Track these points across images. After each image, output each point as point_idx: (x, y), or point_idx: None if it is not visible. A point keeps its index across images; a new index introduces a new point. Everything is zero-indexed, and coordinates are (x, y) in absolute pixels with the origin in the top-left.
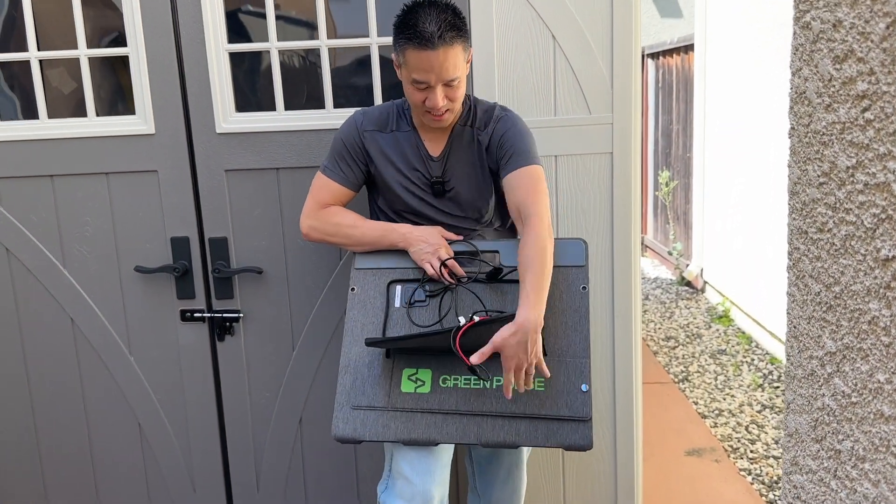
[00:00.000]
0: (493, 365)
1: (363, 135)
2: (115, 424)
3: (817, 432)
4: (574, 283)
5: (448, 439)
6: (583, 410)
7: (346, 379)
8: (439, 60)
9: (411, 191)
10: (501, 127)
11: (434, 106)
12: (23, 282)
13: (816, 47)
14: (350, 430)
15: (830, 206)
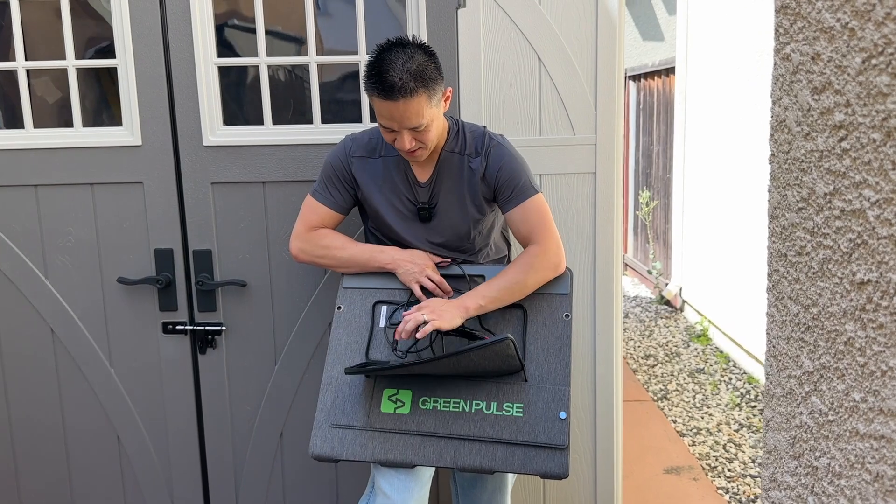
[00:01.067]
0: (472, 387)
1: (351, 161)
2: (94, 437)
3: (795, 449)
4: (557, 310)
5: (425, 462)
6: (560, 438)
7: (327, 397)
8: (400, 111)
9: (398, 216)
10: (496, 159)
11: (402, 148)
12: (2, 291)
13: (796, 78)
14: (328, 448)
15: (809, 230)
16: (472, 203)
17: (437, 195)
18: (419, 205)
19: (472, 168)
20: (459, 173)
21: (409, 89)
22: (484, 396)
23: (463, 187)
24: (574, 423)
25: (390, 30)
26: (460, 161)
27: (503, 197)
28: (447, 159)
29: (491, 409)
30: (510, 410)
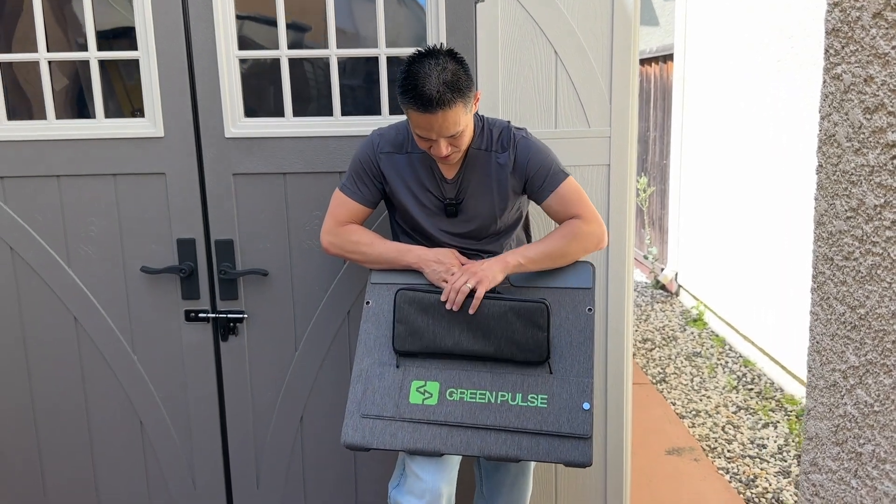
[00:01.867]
0: (497, 379)
1: (379, 157)
2: (117, 422)
3: (838, 436)
4: (580, 304)
5: (452, 451)
6: (583, 428)
7: (358, 388)
8: (438, 122)
9: (424, 211)
10: (523, 152)
11: (438, 155)
12: (26, 280)
13: (847, 97)
14: (359, 437)
15: (857, 238)
16: (498, 198)
17: (464, 191)
18: (446, 201)
19: (499, 164)
20: (486, 169)
21: (446, 101)
22: (509, 388)
23: (491, 183)
24: None
25: (410, 24)
26: (487, 157)
27: (536, 187)
28: (474, 156)
29: (516, 400)
30: (535, 401)
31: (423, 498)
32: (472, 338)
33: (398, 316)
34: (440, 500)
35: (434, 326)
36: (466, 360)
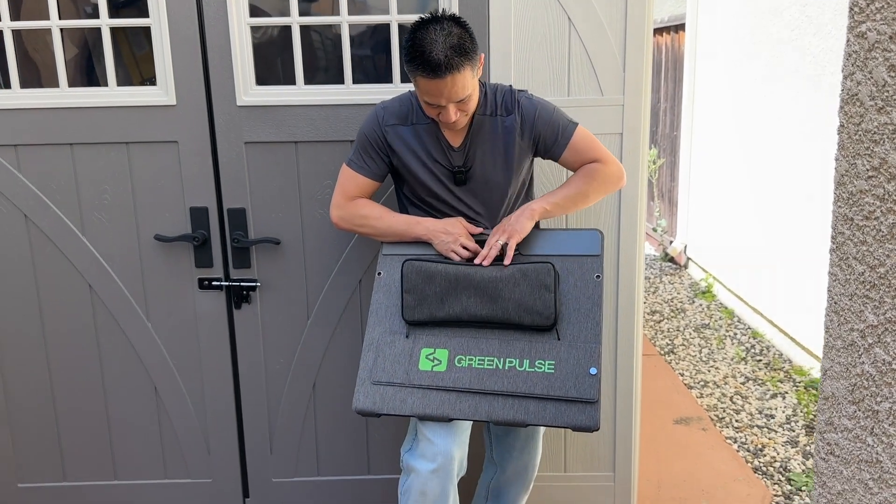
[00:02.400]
0: (505, 346)
1: (385, 129)
2: (132, 389)
3: (854, 395)
4: (589, 271)
5: (461, 416)
6: (590, 393)
7: (369, 356)
8: (447, 87)
9: (433, 180)
10: (529, 111)
11: (447, 121)
12: (41, 248)
13: (871, 55)
14: (370, 403)
15: (879, 196)
16: (507, 162)
17: (471, 158)
18: (454, 169)
19: (506, 126)
20: (493, 134)
21: (455, 65)
22: (517, 354)
23: (498, 147)
24: None
25: None
26: (493, 122)
27: (550, 144)
28: (479, 122)
29: (524, 365)
30: (542, 367)
31: (434, 461)
32: (480, 303)
33: (406, 286)
34: (452, 463)
35: (442, 294)
36: (475, 328)
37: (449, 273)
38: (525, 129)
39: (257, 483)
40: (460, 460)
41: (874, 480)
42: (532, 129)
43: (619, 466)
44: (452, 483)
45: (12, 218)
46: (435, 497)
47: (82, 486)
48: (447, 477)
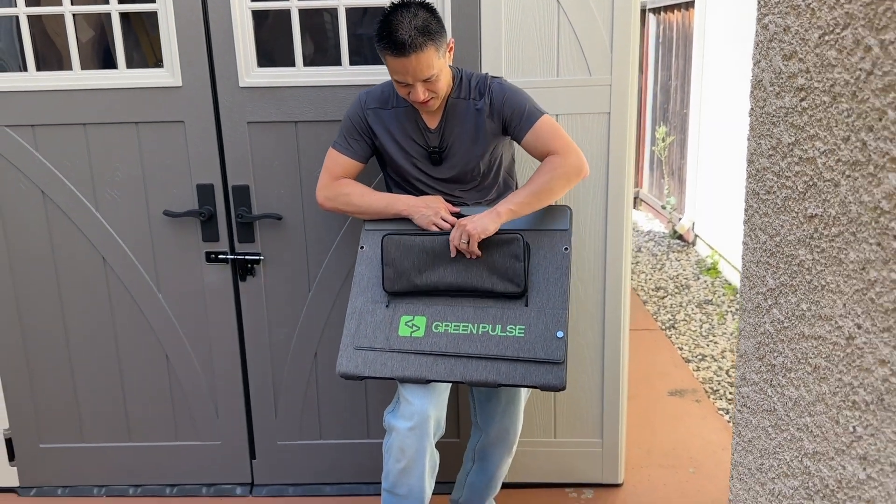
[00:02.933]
0: (479, 312)
1: (367, 112)
2: (145, 356)
3: (759, 352)
4: (558, 244)
5: (437, 377)
6: (557, 354)
7: (352, 324)
8: (412, 65)
9: (411, 160)
10: (498, 95)
11: (416, 100)
12: (57, 223)
13: (771, 45)
14: (352, 367)
15: (776, 173)
16: (479, 142)
17: (446, 139)
18: (430, 149)
19: (477, 109)
20: (466, 116)
21: (418, 44)
22: (490, 320)
23: (470, 129)
24: (584, 346)
25: None
26: (466, 105)
27: (514, 126)
28: (454, 105)
29: (496, 330)
30: (513, 332)
31: (411, 420)
32: (455, 272)
33: (386, 259)
34: (428, 422)
35: (419, 266)
36: (451, 297)
37: (426, 245)
38: (494, 112)
39: (263, 445)
40: (437, 420)
41: (772, 427)
42: (500, 112)
43: (607, 433)
44: (429, 440)
45: (30, 194)
46: (412, 453)
47: (99, 447)
48: (423, 435)
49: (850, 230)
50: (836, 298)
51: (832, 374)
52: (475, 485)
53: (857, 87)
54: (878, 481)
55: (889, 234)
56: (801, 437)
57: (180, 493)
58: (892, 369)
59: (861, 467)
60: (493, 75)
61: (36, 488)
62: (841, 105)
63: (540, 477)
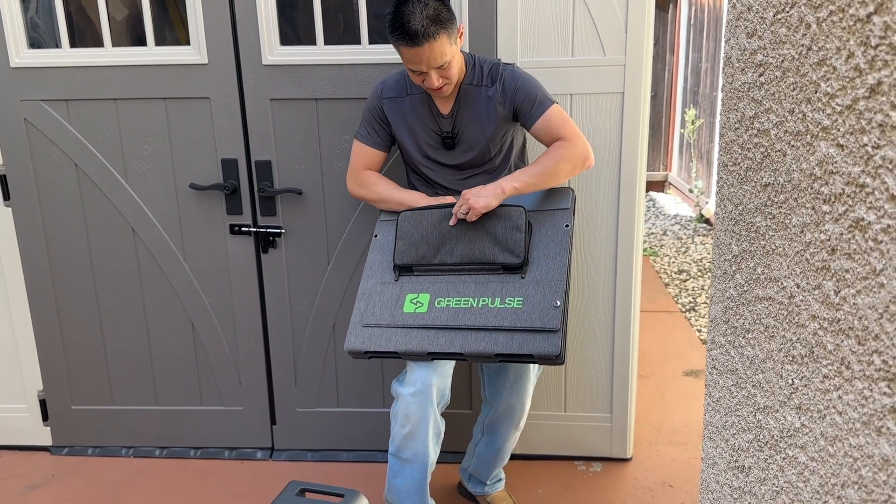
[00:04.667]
0: (480, 287)
1: (383, 102)
2: (171, 324)
3: (726, 315)
4: (559, 221)
5: (437, 348)
6: (553, 322)
7: (361, 304)
8: (426, 54)
9: (426, 146)
10: (510, 82)
11: (430, 87)
12: (89, 194)
13: (738, 24)
14: (359, 343)
15: (740, 145)
16: (490, 126)
17: (459, 124)
18: (444, 134)
19: (489, 96)
20: (477, 102)
21: (430, 33)
22: (490, 294)
23: (482, 114)
24: (594, 323)
25: None
26: (478, 91)
27: (525, 114)
28: (466, 91)
29: (495, 303)
30: (512, 303)
31: (414, 385)
32: (461, 245)
33: (399, 233)
34: (430, 388)
35: (428, 238)
36: (455, 274)
37: (435, 219)
38: (506, 99)
39: (283, 411)
40: (440, 388)
41: (734, 385)
42: (512, 100)
43: (617, 408)
44: (432, 407)
45: (64, 166)
46: (416, 419)
47: (127, 410)
48: (426, 400)
49: (794, 196)
50: (783, 261)
51: (778, 332)
52: (484, 456)
53: (799, 62)
54: (809, 428)
55: (820, 198)
56: (756, 393)
57: (204, 455)
58: (821, 323)
59: (797, 416)
60: (505, 62)
61: (68, 447)
62: (788, 79)
63: (550, 450)
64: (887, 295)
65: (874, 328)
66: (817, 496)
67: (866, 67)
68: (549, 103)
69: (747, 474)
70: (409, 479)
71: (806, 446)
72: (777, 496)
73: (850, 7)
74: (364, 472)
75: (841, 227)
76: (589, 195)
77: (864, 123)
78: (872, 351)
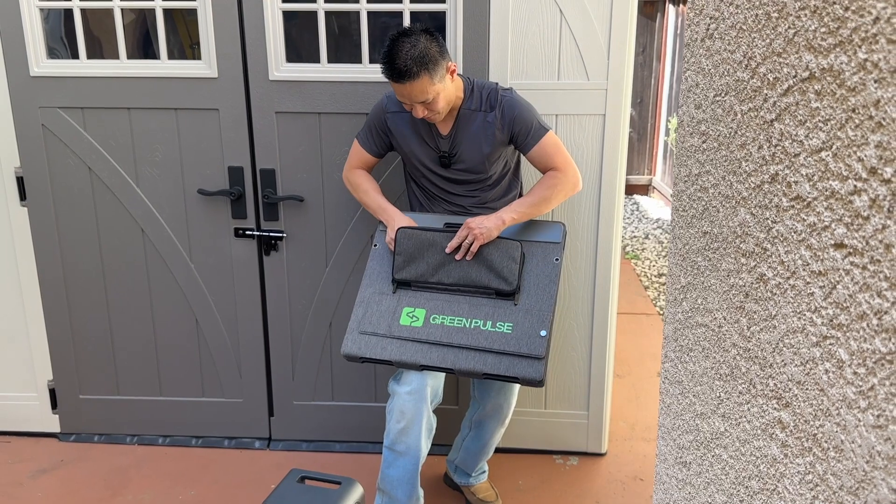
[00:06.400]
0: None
1: (387, 115)
2: (177, 319)
3: (674, 335)
4: (549, 255)
5: (429, 362)
6: (538, 350)
7: (359, 311)
8: (407, 90)
9: (423, 161)
10: (509, 111)
11: (416, 116)
12: (102, 196)
13: (688, 95)
14: (356, 349)
15: (688, 196)
16: (487, 150)
17: (456, 146)
18: (441, 153)
19: (488, 121)
20: (476, 126)
21: (412, 73)
22: (482, 316)
23: (480, 137)
24: (574, 327)
25: None
26: (476, 116)
27: (521, 141)
28: (465, 115)
29: (487, 326)
30: (502, 328)
31: (410, 385)
32: (458, 268)
33: (398, 249)
34: (425, 388)
35: (427, 258)
36: (450, 293)
37: (435, 241)
38: (504, 125)
39: (281, 404)
40: (433, 388)
41: (680, 394)
42: (511, 127)
43: (593, 406)
44: (426, 404)
45: (78, 169)
46: (411, 416)
47: (133, 400)
48: (420, 399)
49: (723, 246)
50: (714, 296)
51: (711, 354)
52: (470, 449)
53: (730, 140)
54: (729, 432)
55: (739, 252)
56: (695, 402)
57: (204, 444)
58: (738, 350)
59: (722, 422)
60: (502, 87)
61: (75, 434)
62: (722, 152)
63: (530, 444)
64: (778, 334)
65: (769, 358)
66: (733, 486)
67: (770, 159)
68: (544, 131)
69: (689, 468)
70: (401, 470)
71: (727, 447)
72: (708, 486)
73: (761, 109)
74: (356, 462)
75: (752, 278)
76: (571, 208)
77: (767, 202)
78: (768, 376)
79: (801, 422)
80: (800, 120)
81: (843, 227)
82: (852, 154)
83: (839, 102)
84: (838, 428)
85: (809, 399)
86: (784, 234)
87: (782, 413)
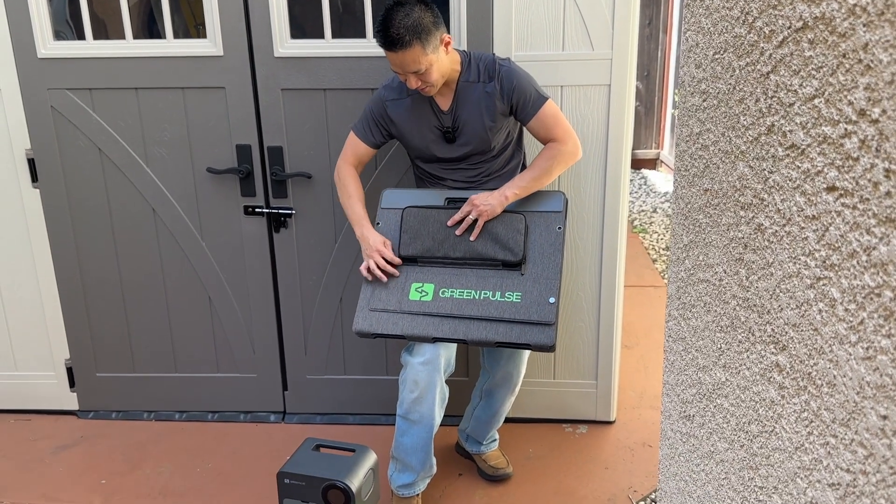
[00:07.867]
0: (481, 280)
1: (386, 105)
2: (189, 297)
3: (678, 293)
4: (552, 224)
5: (441, 334)
6: (548, 317)
7: (368, 288)
8: (399, 59)
9: (428, 141)
10: (508, 81)
11: (411, 87)
12: (112, 177)
13: (689, 55)
14: (367, 325)
15: (689, 155)
16: (488, 119)
17: (458, 119)
18: (444, 129)
19: (487, 92)
20: (475, 98)
21: (404, 42)
22: (491, 287)
23: (480, 108)
24: (582, 298)
25: None
26: (475, 88)
27: (521, 111)
28: (464, 88)
29: (496, 296)
30: (511, 297)
31: (423, 356)
32: (463, 240)
33: (404, 227)
34: (438, 358)
35: (433, 234)
36: (457, 266)
37: (440, 218)
38: (504, 95)
39: (294, 378)
40: (447, 358)
41: (683, 350)
42: (510, 97)
43: (602, 376)
44: (439, 374)
45: (88, 150)
46: (424, 385)
47: (148, 377)
48: (434, 369)
49: (723, 202)
50: (716, 251)
51: (712, 308)
52: (480, 418)
53: (728, 97)
54: (729, 381)
55: (738, 205)
56: (697, 356)
57: (220, 419)
58: (737, 301)
59: (723, 373)
60: (500, 58)
61: (93, 412)
62: (721, 108)
63: (540, 413)
64: (775, 280)
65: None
66: (734, 433)
67: (766, 111)
68: (543, 100)
69: (692, 421)
70: (415, 438)
71: (728, 395)
72: (710, 436)
73: (758, 62)
74: (369, 434)
75: (750, 229)
76: (577, 180)
77: (764, 153)
78: (766, 322)
79: (797, 362)
80: (794, 70)
81: (835, 169)
82: (843, 98)
83: (831, 49)
84: (831, 364)
85: (804, 340)
86: (780, 183)
87: (779, 356)
